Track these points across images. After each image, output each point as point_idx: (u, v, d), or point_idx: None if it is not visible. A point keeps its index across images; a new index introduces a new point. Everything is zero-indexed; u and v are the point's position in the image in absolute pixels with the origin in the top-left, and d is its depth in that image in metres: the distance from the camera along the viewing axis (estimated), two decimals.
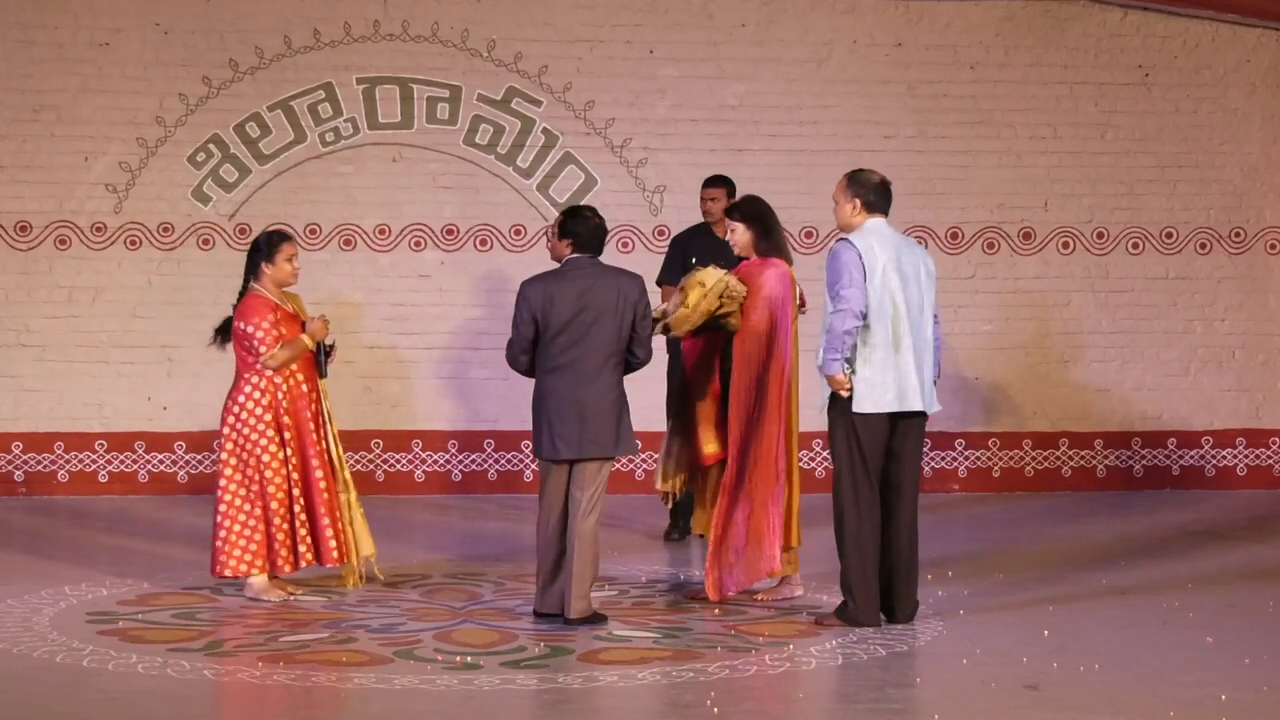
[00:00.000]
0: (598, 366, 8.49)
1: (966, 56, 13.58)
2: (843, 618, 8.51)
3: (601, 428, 8.49)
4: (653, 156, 13.34)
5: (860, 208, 8.64)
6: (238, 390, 9.18)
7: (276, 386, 9.18)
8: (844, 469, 8.51)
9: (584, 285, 8.52)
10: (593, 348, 8.48)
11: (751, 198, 9.38)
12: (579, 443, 8.48)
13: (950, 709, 7.00)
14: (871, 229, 8.58)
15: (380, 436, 13.16)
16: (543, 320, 8.50)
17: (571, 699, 7.26)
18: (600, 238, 8.69)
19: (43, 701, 7.18)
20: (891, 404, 8.45)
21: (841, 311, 8.38)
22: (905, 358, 8.46)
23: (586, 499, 8.50)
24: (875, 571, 8.49)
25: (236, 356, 9.24)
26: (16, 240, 12.93)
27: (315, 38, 13.15)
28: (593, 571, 8.52)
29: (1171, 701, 7.06)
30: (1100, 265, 13.69)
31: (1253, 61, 13.78)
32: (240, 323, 9.16)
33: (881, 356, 8.44)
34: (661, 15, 13.38)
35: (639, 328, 8.56)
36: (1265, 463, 13.80)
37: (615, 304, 8.50)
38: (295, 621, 8.57)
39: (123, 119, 13.00)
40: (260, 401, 9.13)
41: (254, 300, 9.21)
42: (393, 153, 13.23)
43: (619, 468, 12.42)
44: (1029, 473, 13.65)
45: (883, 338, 8.43)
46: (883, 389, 8.44)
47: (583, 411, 8.47)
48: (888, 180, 8.75)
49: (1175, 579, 9.82)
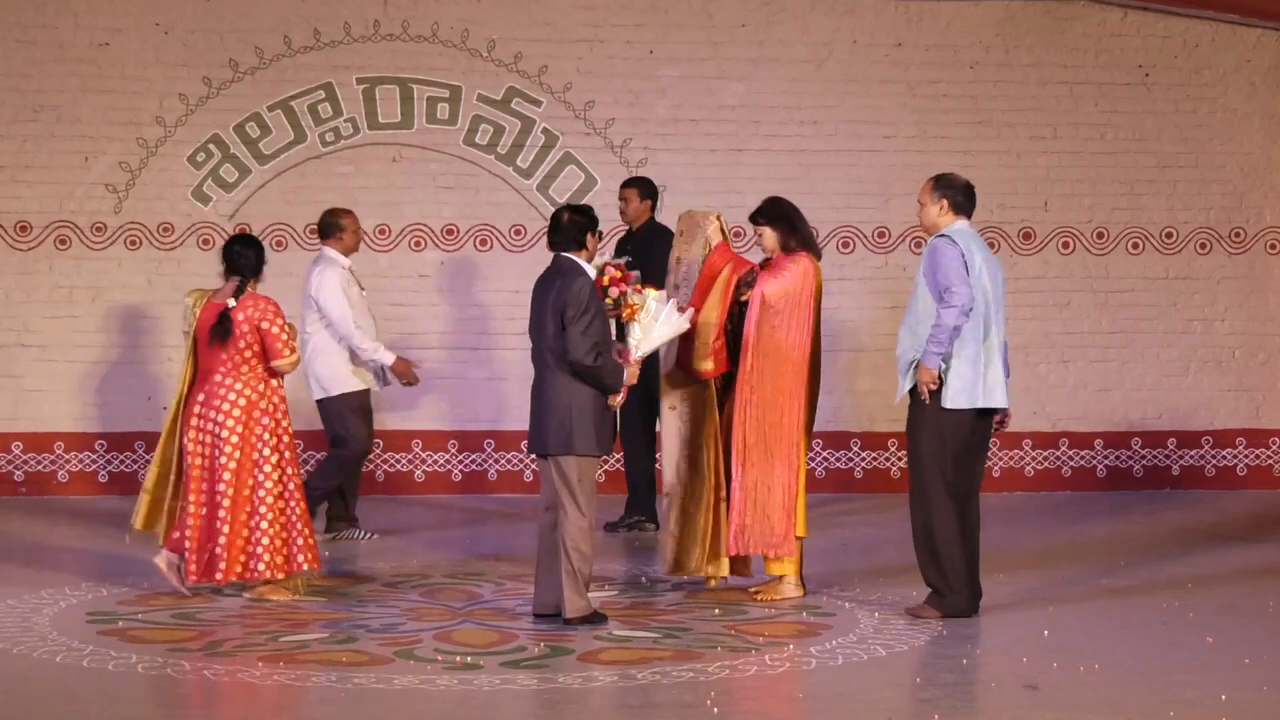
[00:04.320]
0: (546, 362, 8.54)
1: (966, 56, 13.58)
2: (941, 608, 8.65)
3: (548, 424, 8.50)
4: (653, 156, 13.34)
5: (948, 208, 8.87)
6: (234, 391, 9.04)
7: (274, 390, 9.15)
8: (929, 463, 8.66)
9: (542, 281, 8.67)
10: (540, 343, 8.57)
11: (774, 199, 9.44)
12: (532, 439, 8.64)
13: (950, 709, 7.00)
14: (960, 230, 8.80)
15: (380, 436, 13.15)
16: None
17: (571, 699, 7.26)
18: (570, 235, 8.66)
19: (43, 701, 7.19)
20: (980, 399, 8.65)
21: (952, 308, 8.56)
22: (995, 355, 8.69)
23: (565, 499, 8.46)
24: (965, 562, 8.67)
25: (229, 355, 9.05)
26: (16, 240, 12.93)
27: (315, 38, 13.16)
28: (581, 571, 8.48)
29: (1171, 701, 7.06)
30: (1100, 265, 13.69)
31: (1253, 61, 13.79)
32: (265, 322, 9.05)
33: (974, 353, 8.64)
34: (661, 15, 13.39)
35: (568, 325, 8.43)
36: (1265, 463, 13.80)
37: (550, 299, 8.51)
38: (295, 621, 8.57)
39: (123, 119, 13.01)
40: (258, 405, 9.08)
41: (269, 301, 9.15)
42: (393, 153, 13.24)
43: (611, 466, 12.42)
44: (1029, 473, 13.65)
45: (976, 335, 8.64)
46: (974, 384, 8.64)
47: (536, 406, 8.60)
48: (972, 184, 8.96)
49: (1175, 579, 9.82)
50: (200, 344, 9.16)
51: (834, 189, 13.24)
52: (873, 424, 13.40)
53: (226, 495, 8.98)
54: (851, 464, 13.50)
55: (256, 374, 9.11)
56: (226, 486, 8.99)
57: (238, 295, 9.14)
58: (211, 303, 9.19)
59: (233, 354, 9.06)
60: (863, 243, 13.49)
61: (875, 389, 13.14)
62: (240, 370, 9.08)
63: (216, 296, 9.22)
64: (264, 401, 9.09)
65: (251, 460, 9.03)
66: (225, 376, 9.07)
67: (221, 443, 9.01)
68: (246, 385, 9.08)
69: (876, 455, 13.42)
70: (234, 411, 9.02)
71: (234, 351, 9.06)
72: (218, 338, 9.05)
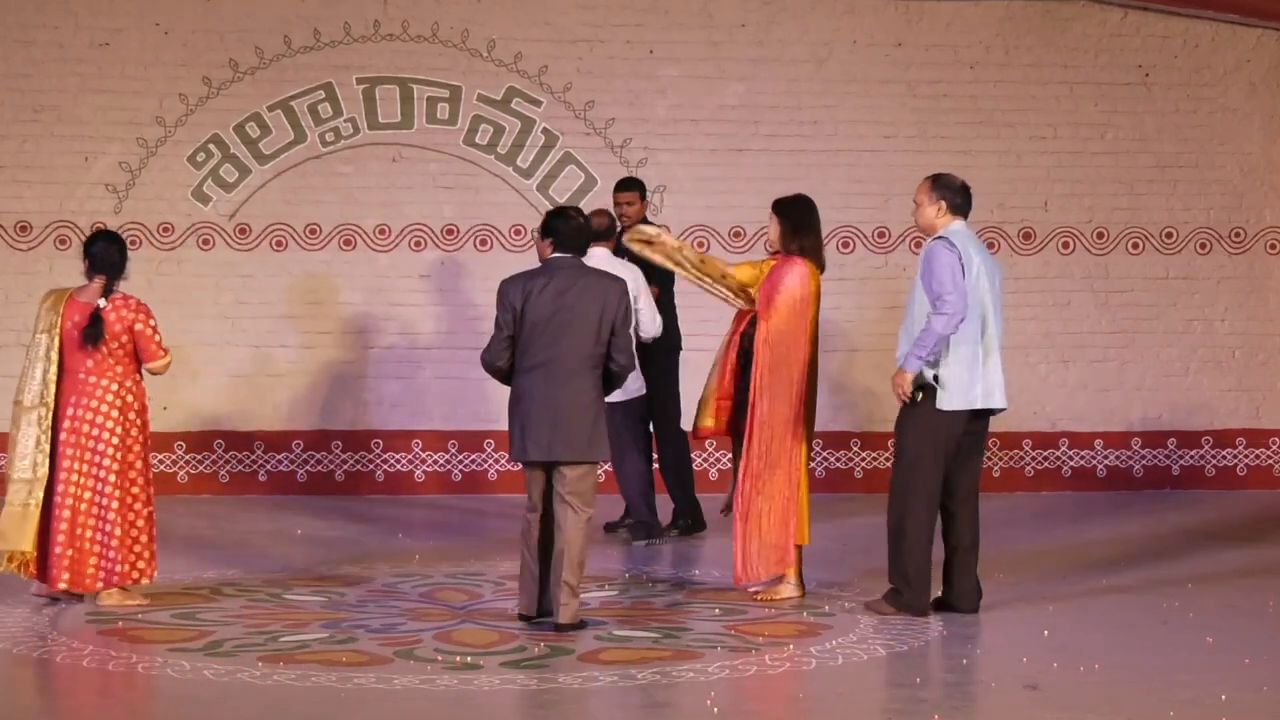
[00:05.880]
0: (574, 368, 8.35)
1: (966, 56, 13.58)
2: (897, 604, 8.64)
3: (575, 431, 8.34)
4: (653, 156, 13.34)
5: (945, 209, 8.85)
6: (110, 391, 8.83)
7: (142, 391, 9.00)
8: (915, 463, 8.65)
9: (563, 285, 8.39)
10: (570, 348, 8.34)
11: (798, 196, 9.42)
12: (549, 445, 8.35)
13: (950, 709, 7.00)
14: (957, 231, 8.77)
15: (380, 436, 13.16)
16: (521, 318, 8.36)
17: (571, 699, 7.26)
18: (584, 238, 8.60)
19: (43, 701, 7.18)
20: (978, 400, 8.65)
21: (945, 315, 8.53)
22: (992, 356, 8.68)
23: (573, 504, 8.38)
24: (929, 563, 8.68)
25: (102, 356, 8.83)
26: (16, 240, 12.93)
27: (315, 38, 13.15)
28: (580, 577, 8.45)
29: (1171, 701, 7.06)
30: (1100, 265, 13.69)
31: (1253, 61, 13.79)
32: (139, 324, 8.86)
33: (970, 353, 8.62)
34: (661, 15, 13.38)
35: (619, 332, 8.42)
36: (1265, 463, 13.80)
37: (596, 305, 8.37)
38: (295, 621, 8.57)
39: (123, 119, 13.00)
40: (133, 405, 8.90)
41: (142, 303, 8.95)
42: (393, 153, 13.24)
43: None
44: (1029, 473, 13.65)
45: (973, 336, 8.62)
46: (970, 386, 8.62)
47: (556, 413, 8.34)
48: (969, 184, 8.95)
49: (1175, 579, 9.82)
50: (67, 345, 8.89)
51: (834, 189, 13.23)
52: (872, 424, 13.39)
53: (113, 497, 8.82)
54: (851, 464, 13.51)
55: (127, 373, 8.92)
56: (113, 489, 8.83)
57: (106, 295, 8.90)
58: (76, 302, 8.92)
59: (104, 354, 8.87)
60: (862, 243, 13.49)
61: (874, 389, 13.13)
62: (112, 370, 8.89)
63: (81, 296, 8.94)
64: (136, 401, 8.94)
65: (127, 461, 8.88)
66: (98, 377, 8.87)
67: (104, 445, 8.84)
68: (120, 385, 8.88)
69: (876, 455, 13.42)
70: (111, 412, 8.86)
71: (105, 352, 8.87)
72: (89, 339, 8.81)
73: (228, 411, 13.09)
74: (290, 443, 13.12)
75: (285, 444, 13.12)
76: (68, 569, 8.81)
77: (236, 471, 13.10)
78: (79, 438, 8.84)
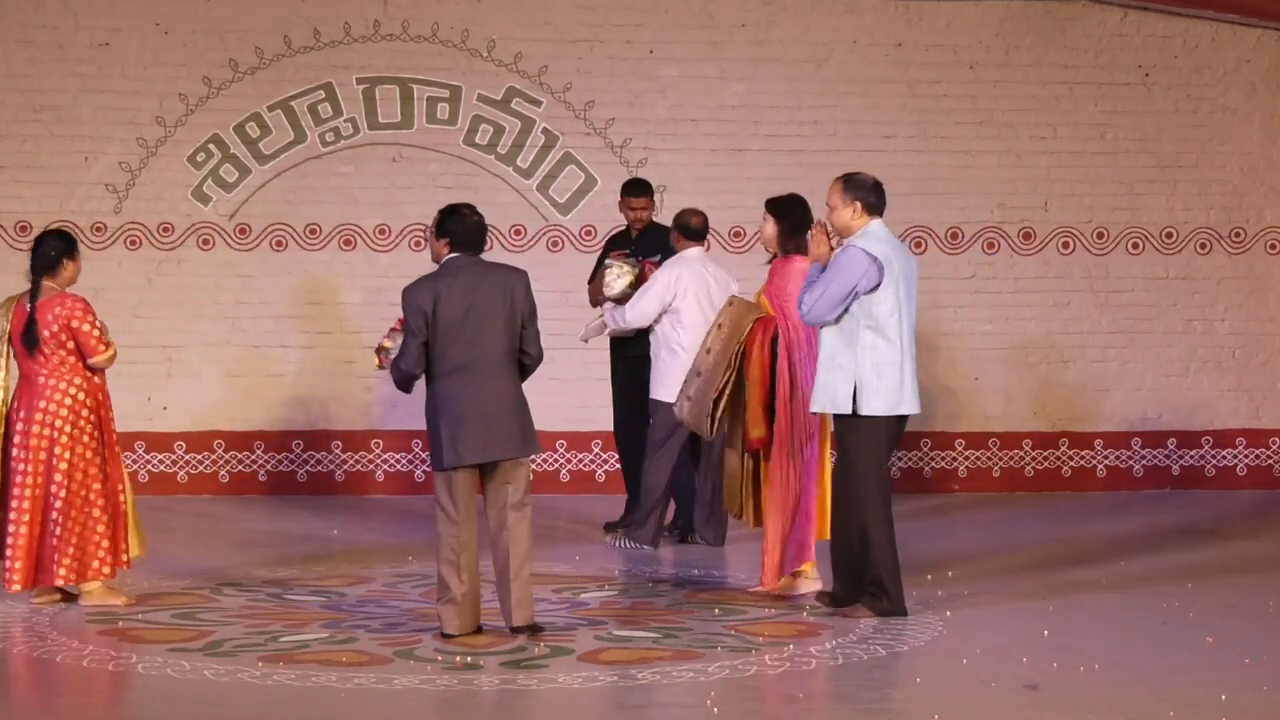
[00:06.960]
0: (495, 366, 8.20)
1: (966, 56, 13.58)
2: (877, 610, 8.62)
3: (508, 428, 8.19)
4: (653, 156, 13.34)
5: (861, 210, 8.66)
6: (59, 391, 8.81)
7: (97, 387, 8.96)
8: (867, 470, 8.59)
9: (470, 284, 8.23)
10: (488, 347, 8.19)
11: (792, 196, 9.45)
12: (484, 446, 8.16)
13: (950, 709, 7.00)
14: (876, 233, 8.62)
15: (379, 436, 13.16)
16: (432, 323, 8.19)
17: (571, 699, 7.26)
18: (480, 236, 8.43)
19: (44, 701, 7.19)
20: (907, 405, 8.59)
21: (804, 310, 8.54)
22: (910, 362, 8.61)
23: (514, 501, 8.24)
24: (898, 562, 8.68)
25: (47, 357, 8.82)
26: (16, 240, 12.93)
27: (315, 38, 13.15)
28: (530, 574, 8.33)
29: (1171, 701, 7.05)
30: (1100, 265, 13.69)
31: (1253, 61, 13.78)
32: (75, 321, 8.81)
33: (898, 360, 8.55)
34: (661, 15, 13.38)
35: (528, 325, 8.28)
36: (1265, 463, 13.80)
37: (505, 301, 8.22)
38: (295, 621, 8.57)
39: (123, 119, 13.00)
40: (85, 403, 8.87)
41: (78, 299, 8.91)
42: (393, 153, 13.23)
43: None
44: (1029, 473, 13.65)
45: (899, 342, 8.54)
46: (899, 392, 8.56)
47: (487, 413, 8.16)
48: (880, 180, 8.78)
49: (1175, 579, 9.82)
50: (16, 350, 8.93)
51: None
52: None
53: (59, 496, 8.80)
54: None
55: (76, 371, 8.89)
56: (58, 488, 8.80)
57: (34, 297, 8.90)
58: (19, 307, 8.96)
59: (50, 355, 8.86)
60: None
61: None
62: (61, 370, 8.87)
63: (24, 300, 8.97)
64: (89, 399, 8.90)
65: (83, 459, 8.85)
66: (48, 378, 8.86)
67: (52, 444, 8.82)
68: (68, 383, 8.85)
69: None
70: (61, 411, 8.83)
71: (49, 353, 8.86)
72: (26, 343, 8.84)
73: (228, 411, 13.08)
74: (290, 443, 13.12)
75: (285, 444, 13.11)
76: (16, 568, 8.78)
77: (236, 471, 13.09)
78: (28, 439, 8.85)
